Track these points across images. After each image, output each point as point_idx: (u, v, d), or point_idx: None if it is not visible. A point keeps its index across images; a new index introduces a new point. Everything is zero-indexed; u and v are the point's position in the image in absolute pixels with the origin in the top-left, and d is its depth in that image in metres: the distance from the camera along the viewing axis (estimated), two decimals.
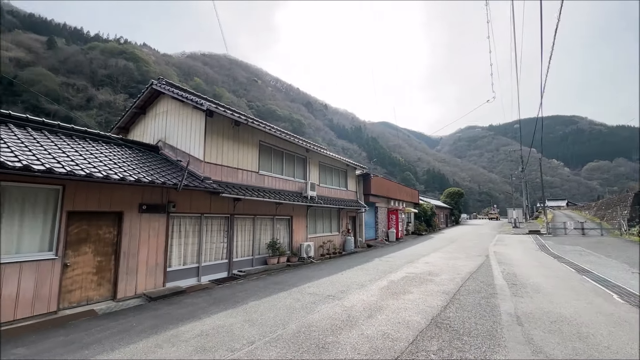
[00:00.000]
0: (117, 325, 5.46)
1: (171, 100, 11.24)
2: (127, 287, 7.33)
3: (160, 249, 8.14)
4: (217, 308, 6.40)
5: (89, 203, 6.84)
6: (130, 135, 12.93)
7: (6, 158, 5.38)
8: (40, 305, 5.90)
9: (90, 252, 6.83)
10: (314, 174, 15.49)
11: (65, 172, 5.89)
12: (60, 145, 7.41)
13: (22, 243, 5.86)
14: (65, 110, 44.81)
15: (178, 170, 9.37)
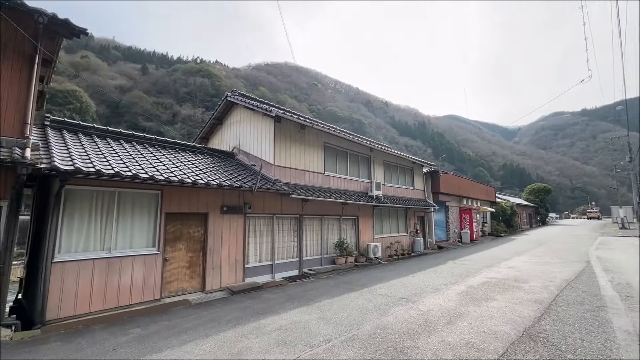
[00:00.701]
0: (208, 315, 6.09)
1: (243, 109, 12.17)
2: (213, 281, 8.14)
3: (239, 246, 8.86)
4: (292, 304, 6.69)
5: (182, 205, 7.78)
6: (209, 144, 14.38)
7: (120, 169, 6.44)
8: (148, 293, 6.92)
9: (183, 248, 7.76)
10: (379, 173, 15.19)
11: (163, 179, 6.80)
12: (157, 155, 8.60)
13: (133, 239, 6.94)
14: (156, 126, 52.01)
15: (252, 174, 10.08)
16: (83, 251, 6.25)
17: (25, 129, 5.81)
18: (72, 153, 6.52)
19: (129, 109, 53.49)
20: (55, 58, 7.04)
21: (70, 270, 5.97)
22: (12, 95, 5.80)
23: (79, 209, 6.29)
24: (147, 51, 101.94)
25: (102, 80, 57.01)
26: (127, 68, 73.66)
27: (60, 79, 42.84)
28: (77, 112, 35.75)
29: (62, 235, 6.03)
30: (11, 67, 5.84)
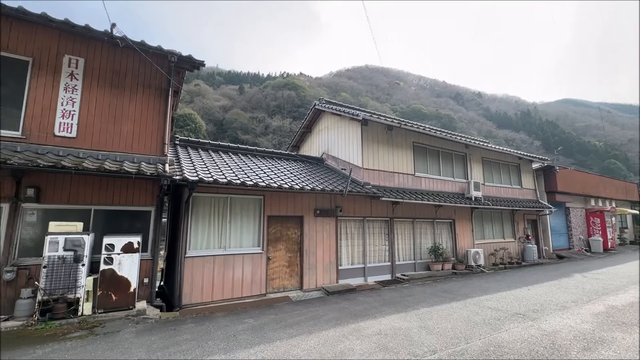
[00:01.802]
0: (308, 312, 6.43)
1: (330, 116, 12.60)
2: (310, 280, 8.58)
3: (332, 248, 9.14)
4: (389, 309, 6.54)
5: (280, 209, 8.47)
6: (300, 151, 15.32)
7: (231, 178, 7.38)
8: (255, 288, 7.71)
9: (283, 249, 8.42)
10: (477, 171, 13.72)
11: (265, 185, 7.53)
12: (258, 164, 9.57)
13: (243, 239, 7.86)
14: (252, 138, 58.17)
15: (341, 178, 10.32)
16: (206, 248, 7.36)
17: (164, 148, 7.20)
18: (195, 165, 7.78)
19: (230, 125, 61.19)
20: (181, 88, 8.55)
21: (197, 264, 7.10)
22: (155, 122, 7.26)
23: (202, 213, 7.45)
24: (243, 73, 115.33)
25: (210, 103, 66.80)
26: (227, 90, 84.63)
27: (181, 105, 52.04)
28: (193, 131, 42.71)
29: (191, 235, 7.22)
30: (153, 99, 7.32)
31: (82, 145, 6.45)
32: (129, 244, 6.13)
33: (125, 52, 7.01)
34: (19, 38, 6.16)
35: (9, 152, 5.54)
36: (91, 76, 6.71)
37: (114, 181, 6.65)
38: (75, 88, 6.52)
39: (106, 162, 6.17)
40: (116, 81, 6.96)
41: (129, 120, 6.99)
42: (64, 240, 5.56)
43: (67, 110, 6.40)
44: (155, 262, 6.84)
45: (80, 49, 6.67)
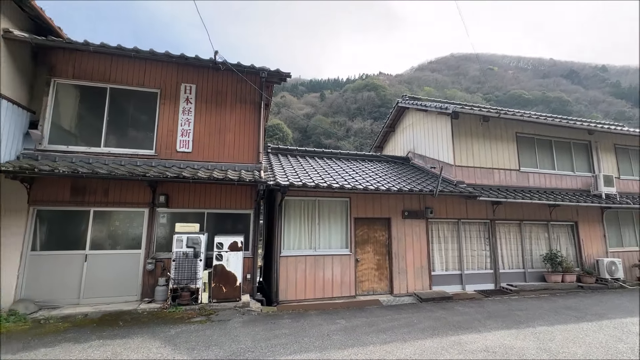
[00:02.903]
0: (401, 318, 6.16)
1: (415, 112, 11.97)
2: (400, 285, 8.24)
3: (423, 252, 8.60)
4: (495, 324, 5.78)
5: (367, 211, 8.39)
6: (384, 152, 14.98)
7: (318, 181, 7.65)
8: (345, 289, 7.79)
9: (371, 251, 8.31)
10: (608, 163, 11.14)
11: (350, 187, 7.57)
12: (342, 167, 9.71)
13: (331, 241, 8.05)
14: (334, 142, 59.72)
15: (430, 177, 9.66)
16: (298, 248, 7.79)
17: (259, 157, 7.93)
18: (286, 171, 8.33)
19: (313, 131, 64.09)
20: (271, 100, 9.30)
21: (290, 263, 7.57)
22: (251, 134, 8.06)
23: (293, 215, 7.92)
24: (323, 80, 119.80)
25: (294, 112, 71.36)
26: (310, 98, 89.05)
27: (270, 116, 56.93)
28: (281, 140, 46.30)
29: (284, 235, 7.74)
30: (248, 113, 8.15)
31: (196, 158, 7.60)
32: (234, 243, 6.92)
33: (224, 74, 8.00)
34: (150, 74, 7.65)
35: (147, 167, 6.90)
36: (201, 99, 7.87)
37: (220, 187, 7.62)
38: (190, 110, 7.74)
39: (214, 171, 7.13)
40: (219, 100, 8.00)
41: (230, 133, 7.94)
42: (186, 238, 6.62)
43: (185, 130, 7.63)
44: (255, 260, 7.56)
45: (192, 77, 7.89)
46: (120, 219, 7.12)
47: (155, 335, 4.97)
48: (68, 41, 6.89)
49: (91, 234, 6.82)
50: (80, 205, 6.82)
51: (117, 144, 7.34)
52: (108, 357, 4.21)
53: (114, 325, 5.42)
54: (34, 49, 6.91)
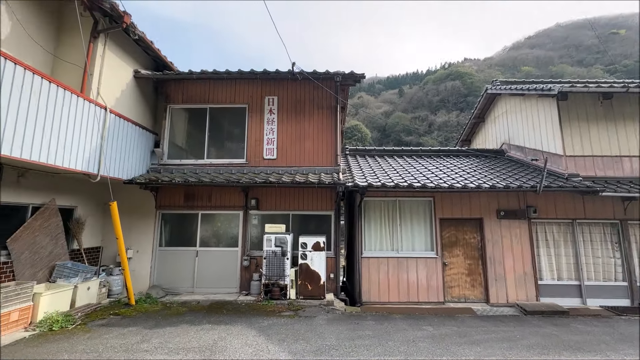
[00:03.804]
0: (499, 331, 5.49)
1: (509, 98, 10.55)
2: (498, 294, 7.34)
3: (525, 257, 7.49)
4: (633, 350, 4.65)
5: (454, 211, 7.75)
6: (472, 145, 13.60)
7: (398, 181, 7.41)
8: (432, 294, 7.34)
9: (460, 254, 7.63)
10: None
11: (433, 186, 7.11)
12: (424, 164, 9.18)
13: (414, 243, 7.69)
14: (416, 138, 56.82)
15: (531, 171, 8.38)
16: (379, 250, 7.68)
17: (337, 159, 8.13)
18: (364, 172, 8.32)
19: (392, 129, 62.24)
20: (346, 103, 9.42)
21: (372, 264, 7.51)
22: (328, 137, 8.32)
23: (373, 216, 7.85)
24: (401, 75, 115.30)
25: (372, 111, 70.54)
26: (387, 95, 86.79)
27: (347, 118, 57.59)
28: (359, 140, 46.31)
29: (365, 236, 7.73)
30: (325, 118, 8.42)
31: (280, 164, 8.22)
32: (317, 243, 7.23)
33: (302, 83, 8.46)
34: (239, 92, 8.61)
35: (240, 174, 7.78)
36: (282, 109, 8.49)
37: (303, 190, 8.07)
38: (273, 120, 8.43)
39: (296, 176, 7.59)
40: (298, 108, 8.49)
41: (309, 138, 8.34)
42: (275, 238, 7.21)
43: (270, 139, 8.34)
44: (337, 260, 7.75)
45: (273, 89, 8.58)
46: (221, 221, 8.18)
47: (252, 325, 5.55)
48: (178, 73, 8.30)
49: (200, 233, 8.03)
50: (191, 209, 8.09)
51: (216, 155, 8.48)
52: (215, 339, 4.89)
53: (219, 313, 6.25)
54: (154, 83, 8.54)
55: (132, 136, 7.41)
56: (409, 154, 10.49)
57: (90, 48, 6.45)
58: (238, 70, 8.09)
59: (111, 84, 7.00)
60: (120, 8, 6.40)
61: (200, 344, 4.73)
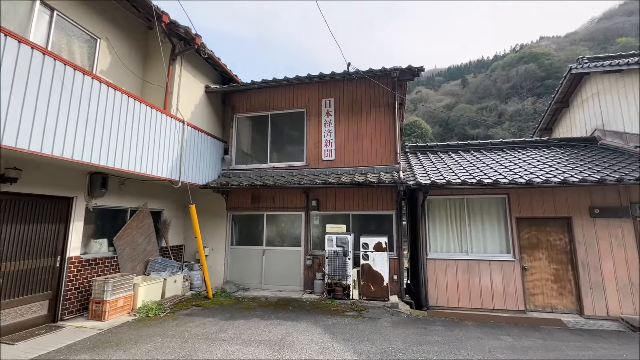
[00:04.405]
0: (598, 348, 4.73)
1: (601, 77, 9.05)
2: (594, 304, 6.32)
3: (632, 264, 6.32)
4: None
5: (533, 209, 6.91)
6: (554, 134, 11.98)
7: (465, 178, 6.89)
8: (510, 301, 6.64)
9: (544, 258, 6.77)
10: None
11: (507, 182, 6.44)
12: (495, 158, 8.38)
13: (486, 244, 7.06)
14: (483, 131, 52.14)
15: (635, 161, 7.06)
16: (446, 251, 7.22)
17: (396, 157, 7.89)
18: (427, 169, 7.92)
19: (456, 123, 58.10)
20: (404, 99, 9.09)
21: (439, 267, 7.10)
22: (387, 135, 8.13)
23: (437, 215, 7.43)
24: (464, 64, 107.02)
25: (433, 105, 66.81)
26: (449, 87, 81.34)
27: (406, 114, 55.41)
28: (419, 137, 44.17)
29: (430, 237, 7.35)
30: (383, 116, 8.25)
31: (339, 165, 8.29)
32: (379, 244, 7.11)
33: (358, 82, 8.42)
34: (297, 96, 8.92)
35: (301, 176, 8.05)
36: (339, 109, 8.56)
37: (362, 190, 8.01)
38: (330, 122, 8.54)
39: (355, 176, 7.57)
40: (355, 108, 8.47)
41: (367, 138, 8.26)
42: (336, 238, 7.29)
43: (328, 140, 8.47)
44: (400, 261, 7.50)
45: (329, 91, 8.70)
46: (284, 221, 8.56)
47: (317, 323, 5.69)
48: (242, 84, 8.94)
49: (266, 233, 8.51)
50: (257, 210, 8.63)
51: (278, 159, 8.91)
52: (283, 334, 5.13)
53: (286, 309, 6.54)
54: (222, 95, 9.33)
55: (205, 145, 8.20)
56: (477, 148, 9.67)
57: (170, 70, 7.33)
58: (295, 76, 8.39)
59: (186, 99, 7.85)
60: (192, 31, 7.16)
61: (270, 337, 5.01)
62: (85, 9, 6.12)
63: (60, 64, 4.55)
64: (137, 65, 7.39)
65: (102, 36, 6.47)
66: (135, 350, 4.49)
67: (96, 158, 5.07)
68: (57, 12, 5.61)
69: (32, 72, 4.18)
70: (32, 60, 4.17)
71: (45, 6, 5.43)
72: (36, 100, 4.21)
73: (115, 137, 5.42)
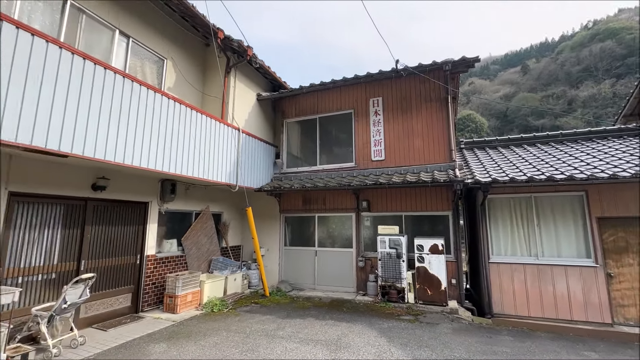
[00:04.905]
0: None
1: None
2: None
3: None
4: None
5: (618, 207, 6.04)
6: None
7: (532, 174, 6.27)
8: (592, 313, 5.87)
9: (635, 264, 5.87)
10: None
11: (585, 177, 5.71)
12: (568, 151, 7.50)
13: (560, 248, 6.34)
14: (549, 121, 46.92)
15: None
16: (511, 255, 6.64)
17: (451, 154, 7.48)
18: (486, 166, 7.39)
19: (516, 114, 53.17)
20: (458, 92, 8.59)
21: (504, 271, 6.55)
22: (439, 132, 7.75)
23: (500, 215, 6.87)
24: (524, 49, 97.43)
25: (488, 96, 61.93)
26: (506, 75, 74.76)
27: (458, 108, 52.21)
28: (474, 131, 41.24)
29: (492, 239, 6.82)
30: (435, 111, 7.88)
31: (389, 165, 8.11)
32: (435, 246, 6.80)
33: (407, 79, 8.16)
34: (345, 98, 8.94)
35: (351, 178, 8.05)
36: (387, 108, 8.39)
37: (414, 190, 7.74)
38: (379, 122, 8.41)
39: (407, 175, 7.34)
40: (404, 105, 8.23)
41: (418, 135, 7.96)
42: (388, 240, 7.14)
43: (377, 140, 8.35)
44: (459, 264, 7.08)
45: (377, 90, 8.57)
46: (335, 222, 8.62)
47: (372, 325, 5.62)
48: (291, 90, 9.23)
49: (317, 234, 8.65)
50: (309, 212, 8.81)
51: (327, 161, 9.01)
52: (339, 335, 5.17)
53: (340, 310, 6.58)
54: (272, 102, 9.72)
55: (258, 150, 8.62)
56: (545, 141, 8.74)
57: (225, 82, 7.86)
58: (342, 77, 8.42)
59: (240, 108, 8.33)
60: (244, 43, 7.59)
61: (326, 337, 5.08)
62: (154, 33, 6.84)
63: (137, 84, 5.14)
64: (196, 79, 8.05)
65: (168, 57, 7.17)
66: (204, 342, 4.87)
67: (167, 166, 5.63)
68: (132, 39, 6.36)
69: (124, 96, 4.79)
70: (127, 87, 4.79)
71: (122, 35, 6.19)
72: (119, 114, 4.81)
73: (181, 147, 5.96)
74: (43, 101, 3.85)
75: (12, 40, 3.59)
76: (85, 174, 5.38)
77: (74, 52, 4.23)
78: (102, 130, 4.54)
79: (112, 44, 6.00)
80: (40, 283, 4.84)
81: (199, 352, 4.53)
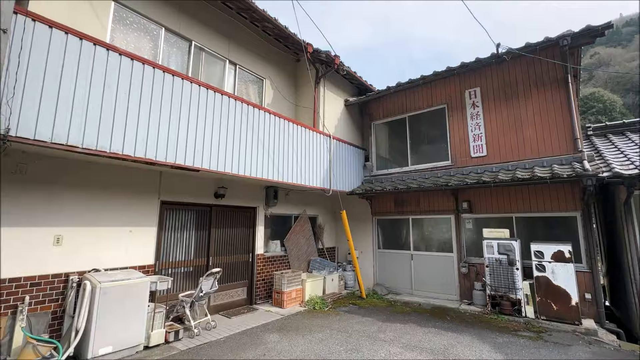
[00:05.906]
0: None
1: None
2: None
3: None
4: None
5: None
6: None
7: None
8: None
9: None
10: None
11: None
12: None
13: None
14: None
15: None
16: None
17: (576, 144, 6.28)
18: (628, 155, 5.97)
19: None
20: (580, 69, 7.18)
21: None
22: (558, 118, 6.61)
23: None
24: None
25: (620, 68, 49.70)
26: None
27: None
28: (601, 113, 33.45)
29: None
30: (549, 95, 6.76)
31: (492, 161, 7.30)
32: (559, 253, 5.80)
33: (508, 64, 7.22)
34: (436, 93, 8.43)
35: (447, 177, 7.53)
36: (487, 99, 7.57)
37: (527, 188, 6.76)
38: (477, 114, 7.66)
39: (517, 172, 6.47)
40: (508, 93, 7.30)
41: (527, 125, 6.95)
42: (497, 244, 6.40)
43: (476, 135, 7.61)
44: (594, 276, 5.87)
45: (473, 80, 7.82)
46: (431, 225, 8.17)
47: (483, 339, 5.12)
48: (378, 92, 9.18)
49: (412, 237, 8.35)
50: (402, 214, 8.58)
51: (419, 161, 8.62)
52: (445, 345, 4.87)
53: (443, 319, 6.19)
54: (359, 106, 9.85)
55: (348, 155, 8.82)
56: None
57: (316, 92, 8.32)
58: (433, 72, 7.96)
59: (330, 115, 8.69)
60: (331, 53, 7.91)
61: (432, 346, 4.85)
62: (255, 57, 7.74)
63: (245, 105, 5.90)
64: (289, 92, 8.74)
65: (266, 76, 8.01)
66: (310, 337, 5.22)
67: (271, 174, 6.27)
68: (239, 66, 7.34)
69: (236, 114, 5.60)
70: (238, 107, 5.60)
71: (231, 63, 7.19)
72: (233, 131, 5.60)
73: (281, 156, 6.55)
74: (181, 127, 4.78)
75: (170, 84, 4.57)
76: (209, 184, 6.42)
77: (200, 85, 5.13)
78: (222, 147, 5.35)
79: (224, 72, 7.03)
80: (182, 274, 5.97)
81: (307, 345, 4.87)
